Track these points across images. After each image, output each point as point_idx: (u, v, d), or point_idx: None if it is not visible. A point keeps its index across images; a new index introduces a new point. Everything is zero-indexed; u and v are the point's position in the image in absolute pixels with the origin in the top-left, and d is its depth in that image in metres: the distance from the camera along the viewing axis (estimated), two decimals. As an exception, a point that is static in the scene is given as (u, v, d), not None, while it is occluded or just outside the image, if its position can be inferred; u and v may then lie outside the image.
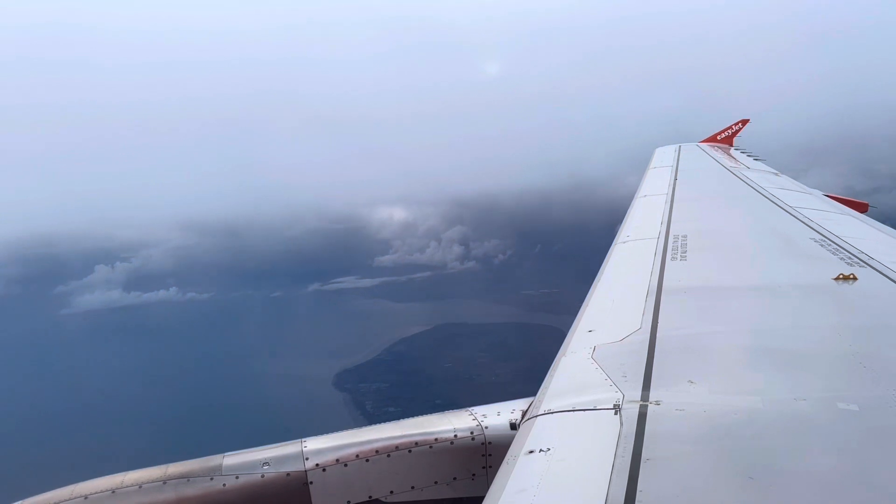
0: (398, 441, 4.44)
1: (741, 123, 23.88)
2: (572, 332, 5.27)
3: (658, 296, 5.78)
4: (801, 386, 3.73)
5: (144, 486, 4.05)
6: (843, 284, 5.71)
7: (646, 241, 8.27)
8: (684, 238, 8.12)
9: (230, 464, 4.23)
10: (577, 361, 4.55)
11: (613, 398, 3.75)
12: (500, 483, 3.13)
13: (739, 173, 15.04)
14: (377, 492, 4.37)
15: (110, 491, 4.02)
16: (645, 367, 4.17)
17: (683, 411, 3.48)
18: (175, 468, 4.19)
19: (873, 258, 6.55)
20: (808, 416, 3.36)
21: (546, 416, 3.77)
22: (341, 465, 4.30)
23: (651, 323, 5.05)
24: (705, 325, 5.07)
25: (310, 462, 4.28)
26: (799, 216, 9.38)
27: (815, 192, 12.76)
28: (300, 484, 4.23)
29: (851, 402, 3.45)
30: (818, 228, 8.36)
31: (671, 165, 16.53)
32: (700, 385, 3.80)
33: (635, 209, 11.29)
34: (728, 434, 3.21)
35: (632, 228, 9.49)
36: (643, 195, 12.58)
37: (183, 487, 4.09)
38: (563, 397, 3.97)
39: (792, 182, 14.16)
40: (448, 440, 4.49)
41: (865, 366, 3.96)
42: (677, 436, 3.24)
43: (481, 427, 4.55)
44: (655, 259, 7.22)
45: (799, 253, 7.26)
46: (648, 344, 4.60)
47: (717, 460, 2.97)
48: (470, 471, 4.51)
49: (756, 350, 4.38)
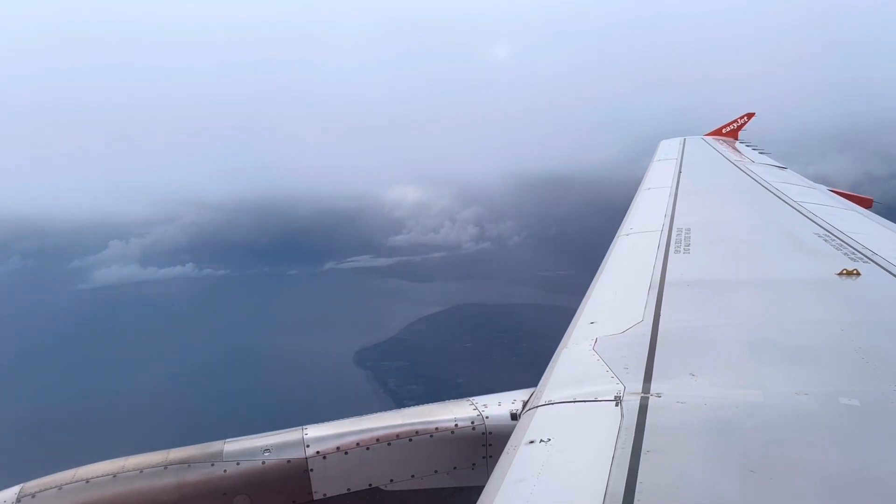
0: (399, 430, 4.45)
1: (746, 117, 23.77)
2: (574, 324, 5.27)
3: (661, 288, 5.77)
4: (803, 380, 3.72)
5: (146, 470, 4.08)
6: (847, 280, 5.70)
7: (649, 234, 8.25)
8: (688, 231, 8.10)
9: (231, 450, 4.26)
10: (578, 353, 4.55)
11: (614, 390, 3.75)
12: (499, 473, 3.14)
13: (744, 167, 14.98)
14: (377, 480, 4.39)
15: (112, 475, 4.05)
16: (646, 359, 4.17)
17: (684, 404, 3.48)
18: (176, 454, 4.22)
19: (877, 254, 6.53)
20: (809, 410, 3.36)
21: (547, 407, 3.77)
22: (342, 453, 4.32)
23: (653, 315, 5.05)
24: (708, 318, 5.07)
25: (310, 449, 4.29)
26: (803, 210, 9.34)
27: (819, 187, 12.71)
28: (300, 471, 4.25)
29: (853, 397, 3.45)
30: (822, 223, 8.33)
31: (675, 158, 16.47)
32: (701, 378, 3.80)
33: (639, 202, 11.25)
34: (729, 427, 3.21)
35: (635, 221, 9.47)
36: (647, 188, 12.54)
37: (184, 473, 4.11)
38: (564, 388, 3.97)
39: (797, 176, 14.10)
40: (449, 429, 4.50)
41: (868, 361, 3.95)
42: (678, 428, 3.25)
43: (482, 417, 4.56)
44: (658, 252, 7.21)
45: (803, 247, 7.23)
46: (650, 336, 4.59)
47: (718, 453, 2.97)
48: (470, 460, 4.53)
49: (758, 344, 4.37)
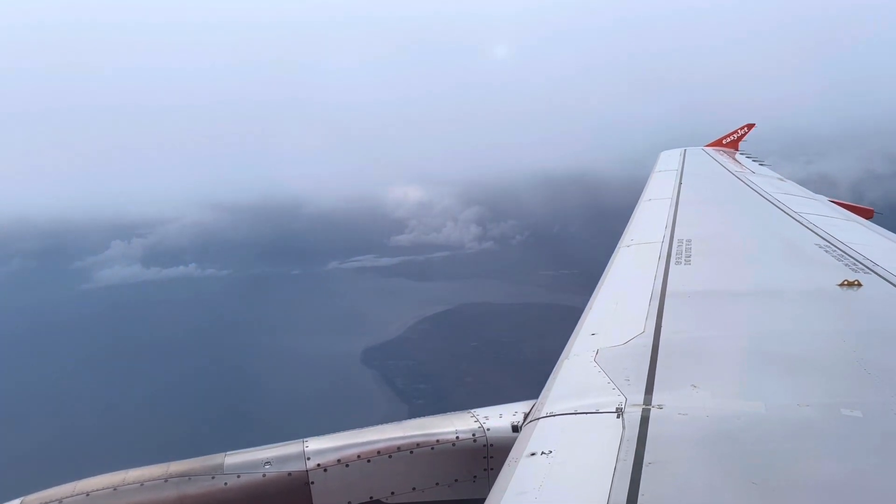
0: (400, 442, 4.44)
1: (747, 128, 23.83)
2: (575, 335, 5.26)
3: (662, 300, 5.77)
4: (805, 391, 3.72)
5: (146, 483, 4.06)
6: (848, 291, 5.69)
7: (650, 245, 8.25)
8: (689, 242, 8.11)
9: (232, 463, 4.24)
10: (579, 364, 4.54)
11: (616, 401, 3.74)
12: (501, 485, 3.13)
13: (744, 178, 15.01)
14: (378, 492, 4.37)
15: (112, 488, 4.03)
16: (648, 370, 4.16)
17: (686, 415, 3.47)
18: (176, 466, 4.20)
19: (878, 265, 6.53)
20: (811, 421, 3.35)
21: (548, 419, 3.76)
22: (343, 466, 4.30)
23: (654, 326, 5.04)
24: (709, 329, 5.06)
25: (311, 462, 4.28)
26: (804, 221, 9.35)
27: (820, 198, 12.72)
28: (301, 484, 4.23)
29: (855, 408, 3.44)
30: (823, 234, 8.33)
31: (676, 169, 16.50)
32: (703, 389, 3.79)
33: (639, 212, 11.26)
34: (731, 439, 3.21)
35: (636, 232, 9.47)
36: (648, 199, 12.56)
37: (184, 486, 4.10)
38: (565, 400, 3.96)
39: (797, 187, 14.12)
40: (450, 441, 4.48)
41: (870, 372, 3.95)
42: (680, 440, 3.24)
43: (483, 429, 4.55)
44: (659, 263, 7.21)
45: (803, 258, 7.24)
46: (651, 347, 4.58)
47: (720, 465, 2.97)
48: (471, 472, 4.51)
49: (760, 355, 4.37)
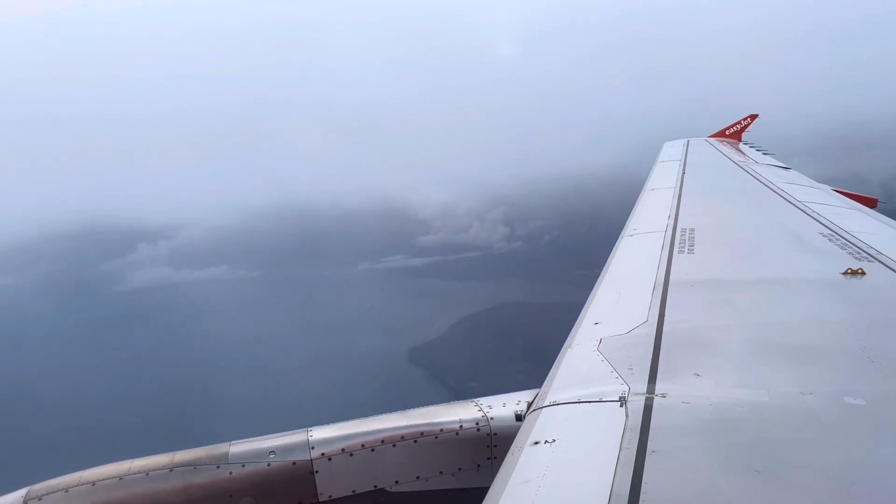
0: (404, 431, 4.46)
1: (750, 118, 23.74)
2: (578, 324, 5.26)
3: (665, 289, 5.77)
4: (808, 380, 3.72)
5: (151, 473, 4.09)
6: (852, 279, 5.68)
7: (653, 235, 8.24)
8: (692, 231, 8.09)
9: (236, 452, 4.26)
10: (583, 353, 4.55)
11: (619, 390, 3.74)
12: (504, 474, 3.14)
13: (748, 167, 14.96)
14: (382, 481, 4.39)
15: (118, 478, 4.06)
16: (651, 359, 4.16)
17: (689, 404, 3.47)
18: (182, 456, 4.22)
19: (882, 253, 6.51)
20: (814, 410, 3.35)
21: (551, 408, 3.77)
22: (347, 455, 4.32)
23: (658, 315, 5.04)
24: (712, 318, 5.05)
25: (315, 451, 4.30)
26: (807, 210, 9.32)
27: (824, 187, 12.68)
28: (306, 473, 4.26)
29: (858, 396, 3.44)
30: (827, 223, 8.31)
31: (679, 160, 16.46)
32: (706, 378, 3.79)
33: (643, 202, 11.24)
34: (734, 427, 3.21)
35: (639, 221, 9.45)
36: (651, 189, 12.53)
37: (189, 475, 4.12)
38: (568, 389, 3.96)
39: (801, 176, 14.07)
40: (454, 431, 4.50)
41: (873, 361, 3.94)
42: (683, 428, 3.24)
43: (487, 418, 4.56)
44: (663, 252, 7.20)
45: (807, 247, 7.22)
46: (655, 336, 4.58)
47: (723, 453, 2.97)
48: (475, 461, 4.52)
49: (763, 344, 4.36)
